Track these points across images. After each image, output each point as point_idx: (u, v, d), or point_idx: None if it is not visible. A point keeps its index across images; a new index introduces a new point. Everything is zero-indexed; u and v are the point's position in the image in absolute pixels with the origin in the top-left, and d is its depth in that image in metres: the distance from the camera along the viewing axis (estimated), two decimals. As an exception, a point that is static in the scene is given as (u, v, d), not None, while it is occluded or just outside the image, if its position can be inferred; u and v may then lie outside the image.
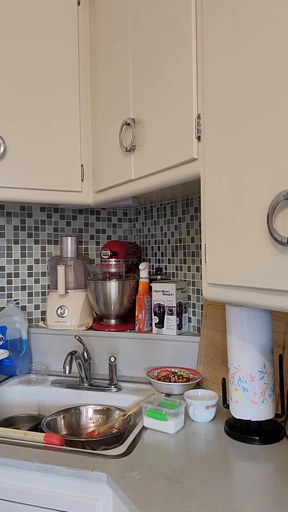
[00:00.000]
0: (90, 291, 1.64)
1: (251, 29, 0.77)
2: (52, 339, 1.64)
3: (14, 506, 0.96)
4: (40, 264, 1.80)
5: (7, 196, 1.37)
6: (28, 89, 1.39)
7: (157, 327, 1.54)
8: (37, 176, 1.40)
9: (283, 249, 0.70)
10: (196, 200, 1.54)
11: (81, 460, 0.95)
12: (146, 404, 1.11)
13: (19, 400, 1.49)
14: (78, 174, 1.48)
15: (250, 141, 0.78)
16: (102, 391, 1.43)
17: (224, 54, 0.84)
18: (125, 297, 1.62)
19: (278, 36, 0.71)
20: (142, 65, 1.15)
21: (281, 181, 0.71)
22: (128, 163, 1.23)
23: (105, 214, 1.95)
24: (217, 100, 0.86)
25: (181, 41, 0.98)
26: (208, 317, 1.43)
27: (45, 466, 0.93)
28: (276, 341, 1.15)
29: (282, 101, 0.70)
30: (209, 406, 1.13)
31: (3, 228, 1.73)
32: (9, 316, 1.59)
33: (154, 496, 0.80)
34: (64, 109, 1.45)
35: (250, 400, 1.03)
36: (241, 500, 0.78)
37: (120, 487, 0.83)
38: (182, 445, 1.01)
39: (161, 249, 1.77)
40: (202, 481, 0.85)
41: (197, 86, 0.94)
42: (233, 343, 1.04)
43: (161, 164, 1.07)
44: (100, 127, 1.43)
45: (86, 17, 1.49)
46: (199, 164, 0.94)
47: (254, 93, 0.76)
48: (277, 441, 1.02)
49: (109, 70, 1.35)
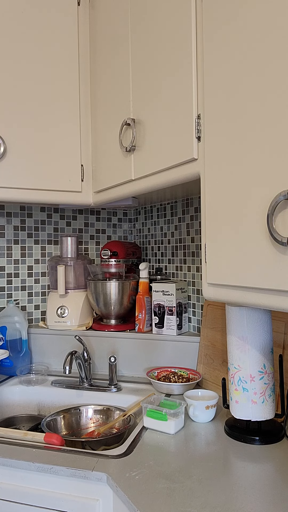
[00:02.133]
0: (90, 291, 1.64)
1: (251, 30, 0.77)
2: (52, 339, 1.64)
3: (14, 506, 0.96)
4: (40, 264, 1.80)
5: (7, 196, 1.37)
6: (28, 89, 1.39)
7: (157, 327, 1.54)
8: (37, 176, 1.40)
9: (283, 249, 0.70)
10: (196, 200, 1.54)
11: (81, 460, 0.95)
12: (146, 404, 1.11)
13: (19, 400, 1.49)
14: (78, 174, 1.48)
15: (250, 141, 0.78)
16: (102, 391, 1.43)
17: (224, 53, 0.84)
18: (125, 297, 1.62)
19: (278, 37, 0.71)
20: (142, 65, 1.15)
21: (281, 181, 0.71)
22: (128, 163, 1.23)
23: (105, 214, 1.95)
24: (217, 100, 0.87)
25: (181, 41, 0.98)
26: (208, 317, 1.43)
27: (45, 466, 0.93)
28: (276, 341, 1.15)
29: (282, 101, 0.70)
30: (209, 406, 1.13)
31: (3, 228, 1.73)
32: (9, 316, 1.59)
33: (154, 496, 0.80)
34: (64, 109, 1.45)
35: (250, 400, 1.03)
36: (241, 500, 0.78)
37: (120, 487, 0.83)
38: (182, 445, 1.01)
39: (161, 249, 1.77)
40: (202, 481, 0.85)
41: (197, 86, 0.94)
42: (233, 343, 1.04)
43: (161, 164, 1.07)
44: (100, 127, 1.43)
45: (86, 17, 1.49)
46: (199, 164, 0.94)
47: (254, 93, 0.76)
48: (277, 441, 1.02)
49: (109, 70, 1.35)
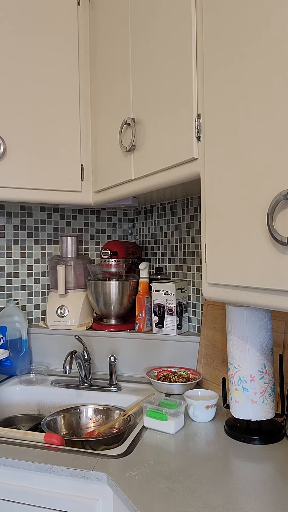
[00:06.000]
0: (90, 291, 1.64)
1: (251, 30, 0.77)
2: (52, 339, 1.64)
3: (14, 506, 0.96)
4: (40, 264, 1.80)
5: (7, 196, 1.37)
6: (28, 89, 1.39)
7: (157, 327, 1.54)
8: (37, 176, 1.40)
9: (283, 249, 0.70)
10: (196, 200, 1.54)
11: (81, 460, 0.95)
12: (146, 404, 1.11)
13: (19, 400, 1.49)
14: (78, 174, 1.47)
15: (250, 141, 0.78)
16: (102, 391, 1.43)
17: (225, 52, 0.84)
18: (125, 297, 1.62)
19: (278, 36, 0.71)
20: (142, 65, 1.15)
21: (281, 181, 0.70)
22: (128, 163, 1.23)
23: (105, 214, 1.95)
24: (217, 100, 0.86)
25: (181, 41, 0.98)
26: (208, 317, 1.43)
27: (45, 466, 0.93)
28: (276, 341, 1.15)
29: (282, 101, 0.70)
30: (209, 406, 1.13)
31: (3, 228, 1.73)
32: (9, 316, 1.59)
33: (154, 496, 0.80)
34: (64, 109, 1.45)
35: (250, 400, 1.03)
36: (241, 500, 0.78)
37: (120, 487, 0.83)
38: (182, 445, 1.01)
39: (161, 249, 1.77)
40: (202, 481, 0.85)
41: (197, 85, 0.94)
42: (233, 343, 1.04)
43: (161, 164, 1.07)
44: (100, 127, 1.43)
45: (86, 17, 1.49)
46: (199, 164, 0.94)
47: (254, 93, 0.76)
48: (277, 441, 1.02)
49: (109, 70, 1.35)
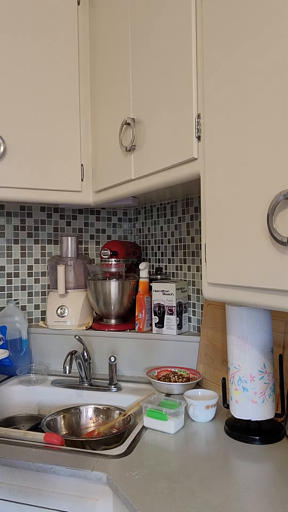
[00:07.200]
0: (90, 291, 1.64)
1: (251, 29, 0.77)
2: (52, 339, 1.64)
3: (14, 506, 0.96)
4: (40, 264, 1.80)
5: (7, 196, 1.37)
6: (28, 89, 1.39)
7: (157, 327, 1.54)
8: (37, 176, 1.40)
9: (283, 249, 0.70)
10: (196, 200, 1.54)
11: (81, 460, 0.95)
12: (146, 404, 1.11)
13: (19, 400, 1.49)
14: (78, 174, 1.47)
15: (250, 141, 0.78)
16: (102, 391, 1.43)
17: (225, 52, 0.84)
18: (125, 297, 1.62)
19: (277, 35, 0.71)
20: (142, 65, 1.15)
21: (281, 181, 0.70)
22: (128, 163, 1.23)
23: (105, 214, 1.95)
24: (217, 100, 0.86)
25: (181, 40, 0.98)
26: (208, 317, 1.43)
27: (45, 466, 0.93)
28: (276, 341, 1.15)
29: (282, 101, 0.70)
30: (209, 406, 1.13)
31: (3, 228, 1.73)
32: (9, 316, 1.59)
33: (154, 496, 0.80)
34: (64, 109, 1.45)
35: (250, 400, 1.03)
36: (242, 500, 0.78)
37: (120, 487, 0.83)
38: (182, 445, 1.01)
39: (161, 249, 1.77)
40: (202, 481, 0.85)
41: (197, 85, 0.94)
42: (233, 342, 1.04)
43: (161, 164, 1.07)
44: (100, 127, 1.43)
45: (86, 17, 1.48)
46: (199, 164, 0.94)
47: (255, 93, 0.76)
48: (277, 441, 1.02)
49: (109, 70, 1.35)
